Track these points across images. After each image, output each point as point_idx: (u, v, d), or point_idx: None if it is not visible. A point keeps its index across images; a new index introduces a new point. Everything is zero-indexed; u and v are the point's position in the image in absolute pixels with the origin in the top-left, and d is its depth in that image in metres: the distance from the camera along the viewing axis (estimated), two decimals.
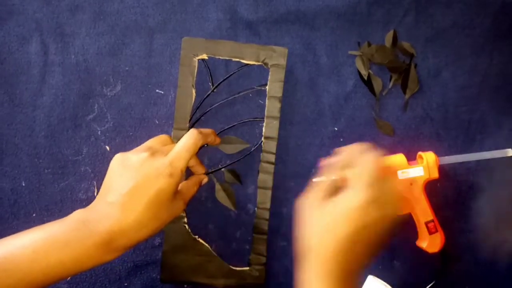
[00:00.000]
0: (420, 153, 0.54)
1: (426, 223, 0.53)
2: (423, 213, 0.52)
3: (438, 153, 0.54)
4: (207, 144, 0.54)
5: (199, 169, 0.53)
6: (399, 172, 0.52)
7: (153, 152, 0.44)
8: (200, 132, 0.46)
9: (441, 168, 0.54)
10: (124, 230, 0.41)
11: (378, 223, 0.41)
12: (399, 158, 0.53)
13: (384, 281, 0.52)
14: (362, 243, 0.41)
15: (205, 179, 0.52)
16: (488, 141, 0.59)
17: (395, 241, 0.57)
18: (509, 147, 0.57)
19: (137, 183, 0.42)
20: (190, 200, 0.49)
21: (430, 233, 0.53)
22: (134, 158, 0.43)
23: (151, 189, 0.42)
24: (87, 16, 0.57)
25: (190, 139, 0.45)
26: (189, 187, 0.49)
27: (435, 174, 0.53)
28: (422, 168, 0.52)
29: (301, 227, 0.43)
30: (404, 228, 0.56)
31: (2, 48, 0.57)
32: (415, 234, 0.55)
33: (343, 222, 0.40)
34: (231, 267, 0.54)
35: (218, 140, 0.52)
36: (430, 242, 0.53)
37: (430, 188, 0.54)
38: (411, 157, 0.54)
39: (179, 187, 0.47)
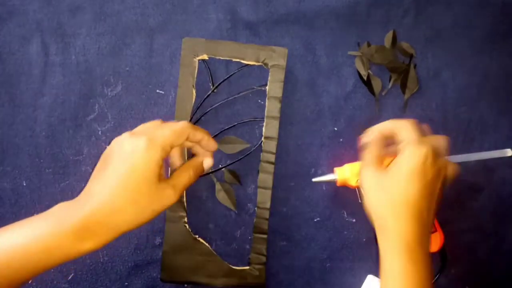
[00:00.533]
0: None
1: None
2: None
3: None
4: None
5: (200, 150, 0.47)
6: None
7: (134, 133, 0.41)
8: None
9: None
10: (94, 214, 0.37)
11: (438, 176, 0.42)
12: None
13: None
14: (429, 199, 0.42)
15: (207, 162, 0.46)
16: (487, 141, 0.59)
17: None
18: (508, 147, 0.57)
19: (110, 162, 0.39)
20: (183, 188, 0.43)
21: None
22: (114, 141, 0.41)
23: (124, 165, 0.38)
24: (87, 16, 0.57)
25: (178, 123, 0.42)
26: (181, 172, 0.43)
27: None
28: None
29: (369, 199, 0.43)
30: None
31: (3, 49, 0.57)
32: None
33: (408, 185, 0.41)
34: (231, 266, 0.54)
35: (212, 143, 0.46)
36: None
37: None
38: None
39: (171, 174, 0.43)
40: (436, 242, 0.53)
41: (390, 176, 0.42)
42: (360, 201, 0.52)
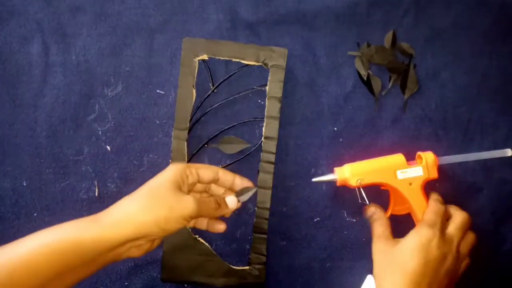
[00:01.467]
0: (419, 153, 0.54)
1: None
2: (422, 213, 0.52)
3: (437, 153, 0.54)
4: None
5: (226, 180, 0.49)
6: (398, 172, 0.52)
7: None
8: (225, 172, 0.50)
9: (440, 168, 0.54)
10: (112, 208, 0.42)
11: (442, 259, 0.47)
12: (398, 158, 0.53)
13: None
14: (430, 278, 0.46)
15: (231, 200, 0.48)
16: (487, 141, 0.59)
17: None
18: (508, 147, 0.57)
19: None
20: (203, 206, 0.44)
21: None
22: None
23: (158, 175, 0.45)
24: (88, 16, 0.57)
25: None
26: (205, 198, 0.47)
27: (434, 174, 0.53)
28: (421, 168, 0.52)
29: (376, 267, 0.49)
30: (404, 227, 0.56)
31: (4, 49, 0.57)
32: None
33: (409, 258, 0.46)
34: (231, 266, 0.54)
35: (246, 180, 0.50)
36: None
37: (430, 188, 0.54)
38: (410, 158, 0.54)
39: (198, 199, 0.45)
40: None
41: (397, 249, 0.47)
42: (360, 201, 0.52)
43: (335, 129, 0.58)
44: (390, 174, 0.52)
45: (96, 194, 0.56)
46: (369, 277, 0.54)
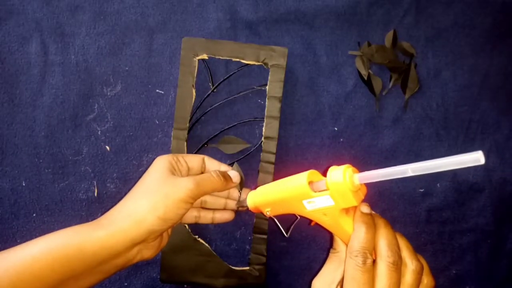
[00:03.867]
0: (329, 169, 0.38)
1: None
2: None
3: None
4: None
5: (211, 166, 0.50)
6: (305, 203, 0.39)
7: None
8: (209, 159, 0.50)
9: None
10: (114, 207, 0.42)
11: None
12: (300, 186, 0.39)
13: None
14: None
15: (232, 173, 0.48)
16: (488, 141, 0.59)
17: None
18: (510, 147, 0.57)
19: None
20: (204, 183, 0.44)
21: None
22: None
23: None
24: (87, 16, 0.57)
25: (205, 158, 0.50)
26: (203, 174, 0.46)
27: (351, 202, 0.36)
28: (328, 196, 0.37)
29: None
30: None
31: (2, 48, 0.57)
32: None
33: None
34: (231, 267, 0.54)
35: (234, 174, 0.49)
36: None
37: (430, 188, 0.54)
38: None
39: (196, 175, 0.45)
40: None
41: None
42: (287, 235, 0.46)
43: (336, 129, 0.58)
44: (297, 205, 0.39)
45: (95, 194, 0.56)
46: None
